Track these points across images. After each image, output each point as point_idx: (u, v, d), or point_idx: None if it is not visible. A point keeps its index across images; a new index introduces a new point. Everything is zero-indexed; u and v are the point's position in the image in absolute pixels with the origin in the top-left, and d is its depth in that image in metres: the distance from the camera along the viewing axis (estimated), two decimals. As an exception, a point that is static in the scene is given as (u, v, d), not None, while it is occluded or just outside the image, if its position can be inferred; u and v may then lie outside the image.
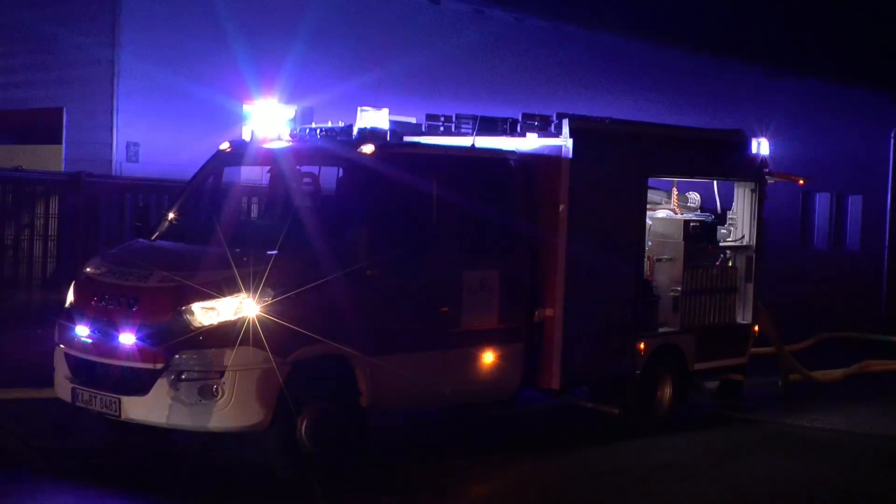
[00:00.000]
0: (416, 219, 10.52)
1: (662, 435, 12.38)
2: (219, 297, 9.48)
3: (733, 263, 13.77)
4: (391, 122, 11.13)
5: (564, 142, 11.49)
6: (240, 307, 9.46)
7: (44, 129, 17.15)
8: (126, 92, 15.82)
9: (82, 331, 9.93)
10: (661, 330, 12.78)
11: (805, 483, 11.09)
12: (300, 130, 11.40)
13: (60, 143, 16.76)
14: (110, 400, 9.60)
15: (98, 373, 9.80)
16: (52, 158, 16.71)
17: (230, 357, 9.32)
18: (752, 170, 13.88)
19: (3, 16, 17.74)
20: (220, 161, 11.42)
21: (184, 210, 11.17)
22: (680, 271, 12.90)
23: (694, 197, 13.89)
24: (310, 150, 11.03)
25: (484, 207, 11.11)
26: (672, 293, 12.89)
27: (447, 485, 10.28)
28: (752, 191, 13.90)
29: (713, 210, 14.08)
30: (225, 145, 11.41)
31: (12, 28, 17.71)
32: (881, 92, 28.55)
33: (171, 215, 11.09)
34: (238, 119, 16.21)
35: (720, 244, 13.70)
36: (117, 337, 9.62)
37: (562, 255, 11.48)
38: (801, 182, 16.46)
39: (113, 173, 15.57)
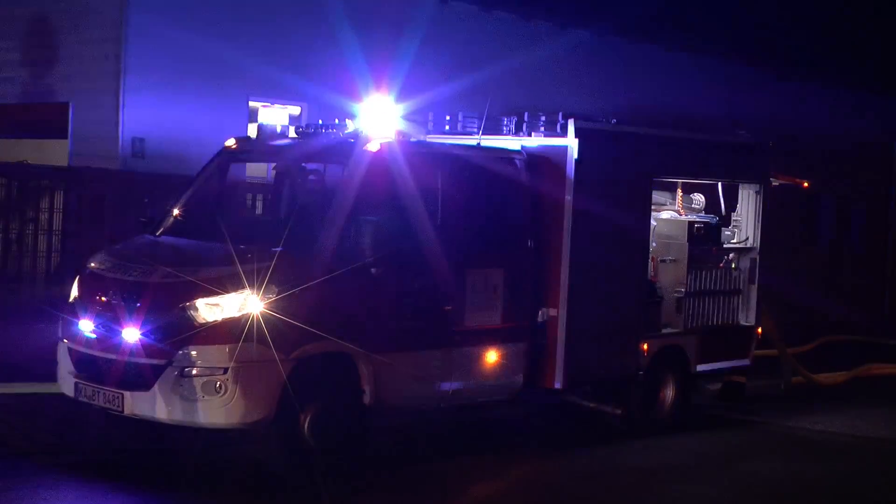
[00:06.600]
0: (420, 217, 10.51)
1: (664, 436, 12.38)
2: (223, 294, 9.47)
3: (737, 265, 13.77)
4: (399, 119, 11.12)
5: (570, 142, 11.49)
6: (244, 304, 9.45)
7: (49, 123, 17.15)
8: (132, 87, 15.82)
9: (86, 326, 9.92)
10: (664, 331, 12.78)
11: (807, 485, 11.09)
12: (305, 127, 11.39)
13: (66, 138, 16.77)
14: (113, 395, 9.60)
15: (101, 368, 9.78)
16: (58, 153, 16.73)
17: (234, 353, 9.31)
18: (756, 172, 13.87)
19: (10, 9, 17.75)
20: (225, 157, 11.42)
21: (188, 206, 11.15)
22: (684, 272, 12.89)
23: (698, 198, 13.88)
24: (315, 148, 11.03)
25: (488, 206, 11.12)
26: (675, 294, 12.89)
27: (449, 484, 10.29)
28: (757, 193, 13.90)
29: (717, 211, 14.08)
30: (231, 142, 11.43)
31: (19, 22, 17.72)
32: (885, 96, 28.52)
33: (175, 211, 11.08)
34: (244, 115, 16.25)
35: (724, 246, 13.69)
36: (121, 332, 9.61)
37: (566, 255, 11.49)
38: (806, 185, 16.44)
39: (118, 168, 15.57)
